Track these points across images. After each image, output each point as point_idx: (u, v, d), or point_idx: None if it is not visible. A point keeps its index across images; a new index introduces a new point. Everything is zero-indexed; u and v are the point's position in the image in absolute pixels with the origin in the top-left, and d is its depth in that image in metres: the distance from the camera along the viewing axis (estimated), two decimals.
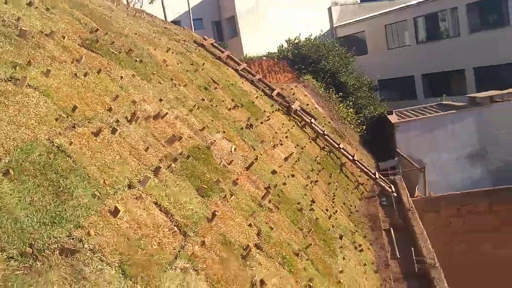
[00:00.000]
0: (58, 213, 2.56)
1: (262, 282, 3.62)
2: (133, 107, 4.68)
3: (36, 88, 3.45)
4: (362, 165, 12.88)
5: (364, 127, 19.26)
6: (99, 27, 6.75)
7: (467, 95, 19.34)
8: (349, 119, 18.50)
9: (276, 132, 10.11)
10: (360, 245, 7.74)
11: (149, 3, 21.53)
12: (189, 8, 23.23)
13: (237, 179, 5.59)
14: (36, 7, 5.09)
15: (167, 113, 5.36)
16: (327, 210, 8.03)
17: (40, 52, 4.07)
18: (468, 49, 23.84)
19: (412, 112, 19.58)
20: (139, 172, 3.55)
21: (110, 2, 12.08)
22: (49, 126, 3.17)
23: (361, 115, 19.83)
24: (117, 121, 4.02)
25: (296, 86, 17.17)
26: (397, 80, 28.00)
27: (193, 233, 3.45)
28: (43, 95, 3.44)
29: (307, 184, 8.52)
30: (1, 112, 2.91)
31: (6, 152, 2.67)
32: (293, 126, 11.92)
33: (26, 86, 3.35)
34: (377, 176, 12.60)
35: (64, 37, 4.84)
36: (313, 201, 7.61)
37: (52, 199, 2.62)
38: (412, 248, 7.86)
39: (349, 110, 19.08)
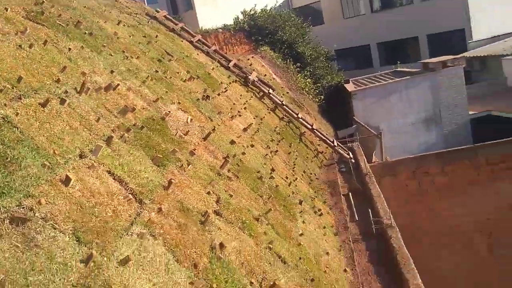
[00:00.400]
0: (6, 183, 2.50)
1: (221, 245, 3.67)
2: (83, 79, 4.56)
3: None
4: (321, 134, 13.09)
5: (322, 96, 19.48)
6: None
7: (421, 61, 19.81)
8: (307, 89, 18.65)
9: (234, 104, 10.09)
10: (319, 210, 7.94)
11: None
12: None
13: (194, 149, 5.58)
14: None
15: (119, 85, 5.26)
16: (287, 178, 8.16)
17: None
18: (421, 16, 24.34)
19: (368, 80, 19.94)
20: (91, 142, 3.50)
21: None
22: None
23: (319, 85, 20.02)
24: (66, 92, 3.93)
25: (253, 57, 17.11)
26: (354, 49, 28.36)
27: (149, 200, 3.45)
28: None
29: (266, 154, 8.60)
30: None
31: None
32: (251, 97, 11.93)
33: None
34: (335, 144, 12.85)
35: (6, 9, 4.64)
36: (273, 170, 7.70)
37: (0, 170, 2.56)
38: (370, 210, 8.11)
39: (307, 80, 19.23)
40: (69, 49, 5.00)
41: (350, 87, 18.90)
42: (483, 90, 20.47)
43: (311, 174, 10.76)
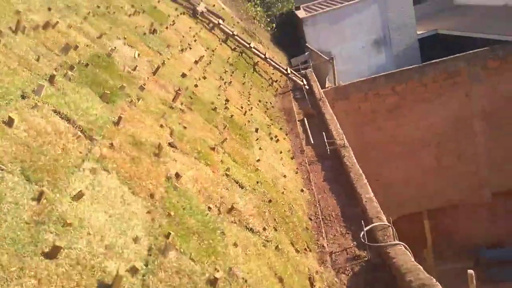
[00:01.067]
0: None
1: (177, 175, 3.75)
2: (18, 17, 4.33)
3: None
4: (274, 62, 13.08)
5: (273, 25, 19.23)
6: None
7: None
8: (258, 18, 18.32)
9: (183, 36, 9.85)
10: (276, 136, 8.12)
11: None
12: None
13: (144, 84, 5.50)
14: None
15: (58, 22, 5.02)
16: (242, 107, 8.22)
17: None
18: None
19: (319, 5, 19.72)
20: (32, 82, 3.39)
21: None
22: None
23: (270, 13, 19.69)
24: (0, 32, 3.73)
25: None
26: None
27: (100, 136, 3.44)
28: None
29: (220, 85, 8.58)
30: None
31: None
32: (201, 29, 11.65)
33: None
34: (289, 72, 12.90)
35: None
36: (227, 100, 7.73)
37: None
38: (324, 133, 8.36)
39: (258, 9, 18.84)
40: None
41: (301, 13, 18.69)
42: (430, 9, 20.69)
43: (266, 102, 10.87)
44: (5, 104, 2.93)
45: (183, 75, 7.05)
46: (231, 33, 12.45)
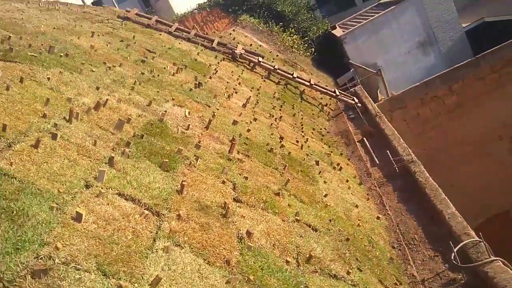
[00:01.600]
0: (18, 238, 2.47)
1: (248, 233, 3.65)
2: (69, 105, 4.49)
3: None
4: (320, 87, 12.92)
5: (312, 49, 19.16)
6: (11, 33, 6.36)
7: None
8: (296, 46, 18.33)
9: (227, 82, 9.96)
10: (338, 164, 7.88)
11: None
12: None
13: (199, 141, 5.52)
14: None
15: (107, 100, 5.18)
16: (297, 141, 8.08)
17: None
18: None
19: (354, 20, 19.50)
20: (93, 169, 3.45)
21: (19, 3, 11.37)
22: None
23: (307, 38, 19.67)
24: (55, 125, 3.86)
25: (234, 30, 16.81)
26: None
27: (166, 210, 3.41)
28: None
29: (271, 123, 8.52)
30: None
31: None
32: (243, 70, 11.77)
33: None
34: (337, 93, 12.69)
35: None
36: (281, 138, 7.64)
37: (9, 226, 2.53)
38: (388, 151, 8.04)
39: (294, 37, 18.87)
40: (48, 78, 4.91)
41: (338, 32, 18.54)
42: None
43: (321, 129, 10.68)
44: (71, 199, 2.97)
45: (234, 122, 7.05)
46: (272, 67, 12.47)
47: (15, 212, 2.63)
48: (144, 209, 3.28)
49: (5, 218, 2.58)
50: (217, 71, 10.30)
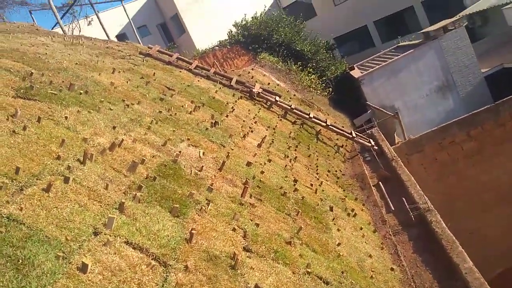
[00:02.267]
0: None
1: (257, 287, 3.55)
2: (85, 146, 4.52)
3: None
4: (336, 128, 12.89)
5: (330, 89, 19.25)
6: (34, 69, 6.51)
7: (421, 31, 19.42)
8: (313, 86, 18.45)
9: (244, 121, 10.00)
10: (352, 210, 7.74)
11: (88, 25, 21.07)
12: (129, 18, 22.71)
13: (212, 184, 5.48)
14: None
15: (123, 140, 5.20)
16: (311, 185, 7.99)
17: None
18: None
19: (373, 62, 19.63)
20: (103, 214, 3.42)
21: (45, 37, 11.71)
22: None
23: (324, 78, 19.80)
24: (69, 167, 3.87)
25: (253, 69, 17.01)
26: (352, 33, 28.02)
27: (174, 260, 3.35)
28: None
29: (286, 165, 8.46)
30: None
31: None
32: (260, 109, 11.82)
33: None
34: (354, 134, 12.63)
35: None
36: (295, 181, 7.56)
37: (14, 276, 2.49)
38: (404, 198, 7.89)
39: (311, 77, 19.02)
40: (66, 117, 4.97)
41: (356, 73, 18.63)
42: (490, 44, 19.95)
43: (336, 171, 10.57)
44: (78, 248, 2.93)
45: (248, 164, 7.02)
46: (289, 107, 12.52)
47: (20, 260, 2.60)
48: (152, 259, 3.22)
49: (10, 266, 2.55)
50: (234, 109, 10.36)
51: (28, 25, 14.38)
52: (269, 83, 14.79)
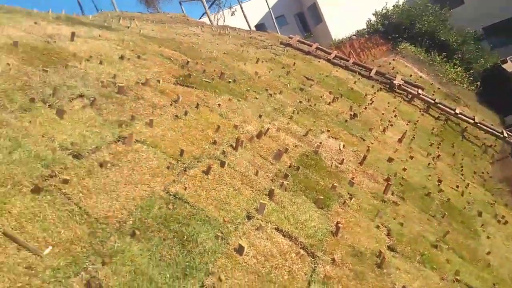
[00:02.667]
0: (187, 263, 2.63)
1: None
2: (236, 132, 4.73)
3: (143, 141, 3.62)
4: (485, 126, 11.83)
5: (478, 83, 17.69)
6: (189, 58, 6.99)
7: None
8: (459, 79, 17.12)
9: (383, 114, 9.67)
10: (503, 217, 7.06)
11: (231, 15, 22.06)
12: (269, 8, 23.26)
13: (353, 177, 5.39)
14: (128, 58, 5.39)
15: (268, 128, 5.35)
16: (457, 186, 7.45)
17: (140, 103, 4.28)
18: None
19: None
20: (254, 199, 3.56)
21: (195, 27, 12.54)
22: (162, 177, 3.30)
23: (472, 71, 18.25)
24: (223, 152, 4.08)
25: (394, 59, 16.32)
26: (505, 22, 25.25)
27: (321, 252, 3.36)
28: (151, 147, 3.59)
29: (429, 163, 8.00)
30: (117, 175, 3.08)
31: (129, 214, 2.81)
32: (400, 102, 11.32)
33: (134, 142, 3.53)
34: (505, 134, 11.49)
35: (159, 81, 5.06)
36: (439, 181, 7.11)
37: (180, 251, 2.70)
38: None
39: (457, 69, 17.66)
40: (219, 104, 5.25)
41: (509, 66, 16.86)
42: None
43: (482, 173, 9.73)
44: (234, 229, 3.08)
45: (390, 160, 6.77)
46: (433, 101, 11.79)
47: (185, 237, 2.81)
48: (300, 248, 3.27)
49: (176, 241, 2.76)
50: (373, 101, 10.07)
51: (180, 16, 15.50)
52: (411, 75, 14.08)
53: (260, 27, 26.48)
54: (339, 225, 3.74)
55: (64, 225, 2.52)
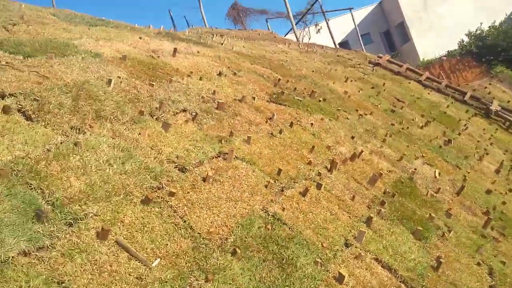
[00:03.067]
0: (286, 287, 2.57)
1: None
2: (329, 153, 4.65)
3: (242, 158, 3.64)
4: None
5: None
6: (280, 75, 7.03)
7: None
8: None
9: (478, 141, 9.11)
10: None
11: (316, 33, 22.06)
12: (355, 26, 23.01)
13: (450, 208, 5.09)
14: (225, 75, 5.50)
15: (362, 151, 5.21)
16: None
17: (238, 120, 4.34)
18: None
19: None
20: (352, 226, 3.44)
21: (282, 44, 12.66)
22: (261, 195, 3.29)
23: None
24: (319, 173, 4.01)
25: (490, 84, 15.41)
26: None
27: (421, 287, 3.16)
28: (249, 164, 3.61)
29: None
30: (218, 190, 3.11)
31: (230, 231, 2.82)
32: (496, 129, 10.62)
33: (234, 158, 3.56)
34: None
35: (254, 98, 5.11)
36: None
37: (279, 273, 2.66)
38: None
39: None
40: (311, 124, 5.20)
41: None
42: None
43: None
44: (333, 256, 2.98)
45: (488, 191, 6.32)
46: None
47: (284, 260, 2.76)
48: (400, 281, 3.10)
49: (276, 264, 2.72)
50: (467, 127, 9.53)
51: (267, 33, 15.76)
52: (508, 101, 13.18)
53: (343, 44, 26.22)
54: (441, 260, 3.51)
55: (170, 238, 2.56)
